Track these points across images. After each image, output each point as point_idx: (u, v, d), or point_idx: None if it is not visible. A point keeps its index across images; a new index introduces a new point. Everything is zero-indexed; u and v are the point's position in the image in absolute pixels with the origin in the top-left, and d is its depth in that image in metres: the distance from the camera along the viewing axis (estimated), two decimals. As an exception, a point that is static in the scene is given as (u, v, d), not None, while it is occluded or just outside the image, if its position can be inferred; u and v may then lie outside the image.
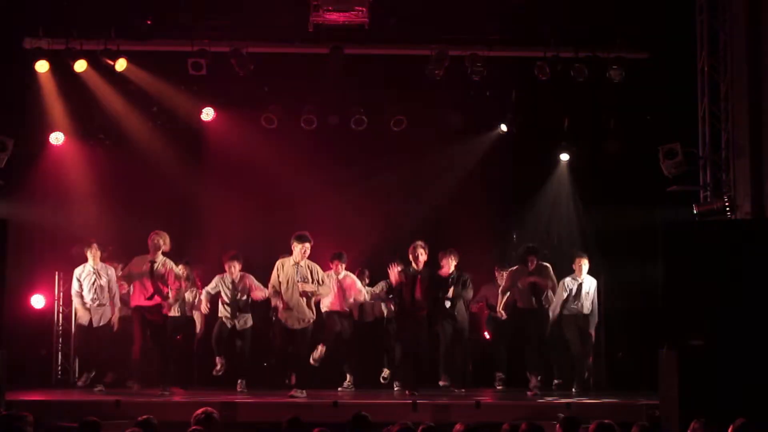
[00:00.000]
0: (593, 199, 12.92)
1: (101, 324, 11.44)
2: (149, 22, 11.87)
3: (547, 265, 11.58)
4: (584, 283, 11.81)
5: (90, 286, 11.38)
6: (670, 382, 9.21)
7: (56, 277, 12.63)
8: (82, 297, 11.40)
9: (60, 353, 12.58)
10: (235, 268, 11.46)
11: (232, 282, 11.49)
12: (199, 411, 6.60)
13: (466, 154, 13.12)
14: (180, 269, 11.16)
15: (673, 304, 9.41)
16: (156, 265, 10.80)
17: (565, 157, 13.41)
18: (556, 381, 11.80)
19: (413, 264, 11.10)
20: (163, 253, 10.87)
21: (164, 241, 10.85)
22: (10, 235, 9.75)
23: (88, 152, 12.73)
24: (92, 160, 12.72)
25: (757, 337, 9.03)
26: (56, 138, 12.57)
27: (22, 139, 11.78)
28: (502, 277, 11.87)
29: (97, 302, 11.40)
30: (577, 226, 13.27)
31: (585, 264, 11.78)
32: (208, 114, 12.97)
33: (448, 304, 11.51)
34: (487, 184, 13.12)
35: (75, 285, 11.46)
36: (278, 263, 10.73)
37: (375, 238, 12.70)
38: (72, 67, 11.95)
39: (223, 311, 11.53)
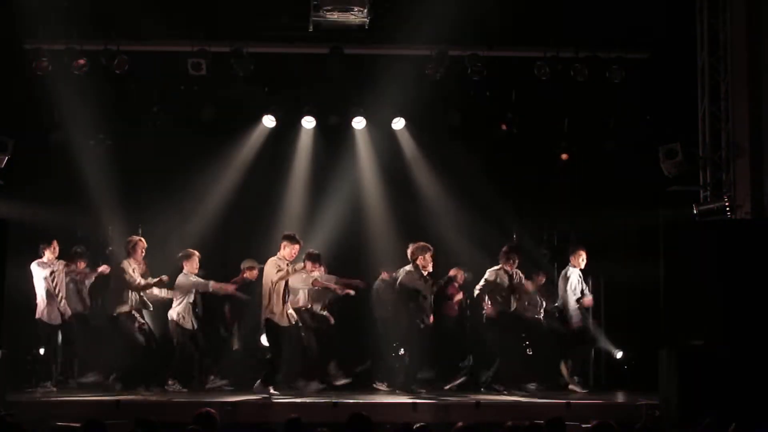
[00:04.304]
0: (593, 199, 12.90)
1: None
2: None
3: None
4: None
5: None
6: (670, 382, 9.22)
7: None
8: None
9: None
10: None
11: None
12: (199, 411, 6.61)
13: (465, 154, 13.10)
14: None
15: (673, 304, 9.42)
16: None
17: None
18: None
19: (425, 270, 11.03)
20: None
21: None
22: (10, 235, 9.76)
23: (88, 152, 12.71)
24: (92, 160, 12.69)
25: (757, 337, 9.05)
26: (57, 138, 12.55)
27: (22, 139, 11.77)
28: None
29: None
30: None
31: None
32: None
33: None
34: (486, 184, 13.10)
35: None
36: (268, 264, 10.73)
37: (372, 237, 12.69)
38: (72, 67, 11.95)
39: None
